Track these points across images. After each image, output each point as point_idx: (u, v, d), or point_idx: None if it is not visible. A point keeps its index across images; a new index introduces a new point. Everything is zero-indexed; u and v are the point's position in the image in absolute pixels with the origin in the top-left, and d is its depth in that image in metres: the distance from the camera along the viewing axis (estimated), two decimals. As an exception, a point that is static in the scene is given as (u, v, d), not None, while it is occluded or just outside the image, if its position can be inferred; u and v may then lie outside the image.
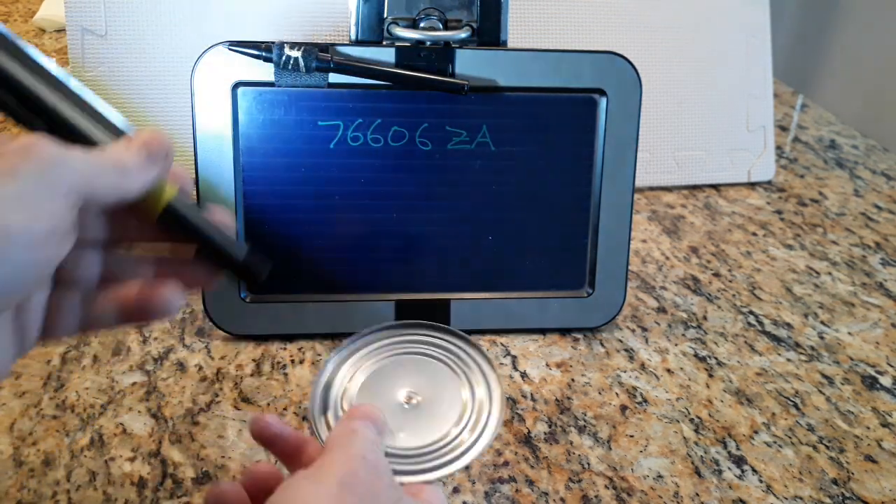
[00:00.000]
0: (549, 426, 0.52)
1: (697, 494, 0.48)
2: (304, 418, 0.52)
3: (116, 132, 0.33)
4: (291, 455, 0.37)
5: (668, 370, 0.58)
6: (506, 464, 0.49)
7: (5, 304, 0.30)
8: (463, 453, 0.38)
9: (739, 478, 0.49)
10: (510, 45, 0.57)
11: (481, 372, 0.41)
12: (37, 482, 0.47)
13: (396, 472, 0.37)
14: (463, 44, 0.55)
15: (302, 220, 0.57)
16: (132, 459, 0.48)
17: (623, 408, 0.54)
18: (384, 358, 0.42)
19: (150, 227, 0.35)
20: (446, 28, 0.55)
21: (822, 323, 0.64)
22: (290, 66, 0.53)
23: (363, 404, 0.39)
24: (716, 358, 0.59)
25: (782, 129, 0.95)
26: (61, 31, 1.09)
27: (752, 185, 0.83)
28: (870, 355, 0.60)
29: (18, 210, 0.27)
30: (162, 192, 0.33)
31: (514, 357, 0.58)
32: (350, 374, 0.41)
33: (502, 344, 0.59)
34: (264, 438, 0.37)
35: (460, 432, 0.39)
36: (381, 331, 0.43)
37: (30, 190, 0.28)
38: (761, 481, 0.49)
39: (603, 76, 0.57)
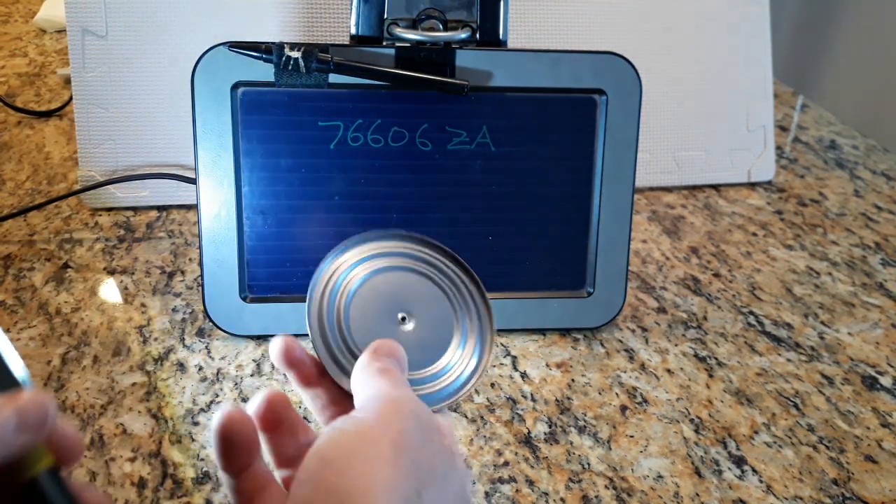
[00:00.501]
0: (550, 426, 0.52)
1: (697, 495, 0.48)
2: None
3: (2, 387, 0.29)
4: (309, 380, 0.36)
5: (669, 370, 0.58)
6: (506, 464, 0.49)
7: None
8: (461, 381, 0.37)
9: (739, 478, 0.49)
10: (510, 45, 0.57)
11: (469, 294, 0.40)
12: (37, 482, 0.46)
13: None
14: (463, 44, 0.55)
15: (302, 220, 0.57)
16: (132, 460, 0.48)
17: (623, 408, 0.54)
18: (376, 271, 0.39)
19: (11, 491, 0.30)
20: (446, 28, 0.55)
21: (823, 323, 0.64)
22: (290, 67, 0.53)
23: (385, 341, 0.36)
24: (716, 358, 0.59)
25: (782, 129, 0.95)
26: (62, 31, 1.09)
27: (752, 186, 0.83)
28: (870, 355, 0.60)
29: None
30: (31, 464, 0.29)
31: (514, 357, 0.58)
32: (342, 290, 0.38)
33: (502, 344, 0.59)
34: (287, 361, 0.36)
35: (453, 358, 0.38)
36: (371, 241, 0.40)
37: None
38: (761, 481, 0.49)
39: (603, 76, 0.57)
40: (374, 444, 0.29)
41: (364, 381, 0.33)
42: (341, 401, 0.36)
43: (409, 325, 0.38)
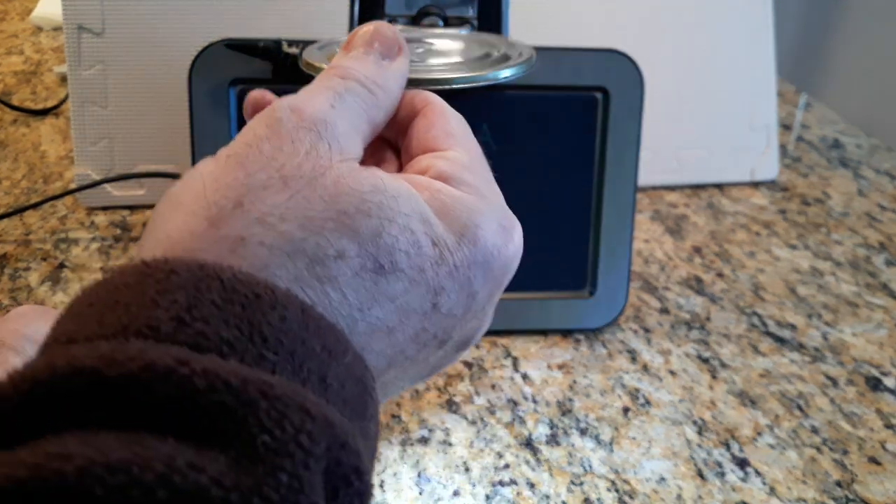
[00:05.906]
0: (551, 428, 0.52)
1: (700, 497, 0.47)
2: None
3: None
4: None
5: (671, 371, 0.57)
6: (506, 466, 0.49)
7: None
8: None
9: (743, 480, 0.49)
10: (511, 42, 0.57)
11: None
12: (31, 485, 0.46)
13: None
14: (463, 41, 0.55)
15: (300, 219, 0.56)
16: (128, 462, 0.48)
17: (625, 410, 0.54)
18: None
19: None
20: (446, 25, 0.55)
21: (826, 324, 0.63)
22: (287, 64, 0.52)
23: (366, 25, 0.31)
24: (719, 359, 0.59)
25: (786, 127, 0.95)
26: (58, 29, 1.08)
27: (755, 185, 0.83)
28: (874, 356, 0.60)
29: None
30: None
31: (515, 359, 0.58)
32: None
33: (503, 345, 0.59)
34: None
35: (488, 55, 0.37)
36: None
37: None
38: (765, 483, 0.49)
39: (605, 74, 0.56)
40: (490, 220, 0.29)
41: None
42: None
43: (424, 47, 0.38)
